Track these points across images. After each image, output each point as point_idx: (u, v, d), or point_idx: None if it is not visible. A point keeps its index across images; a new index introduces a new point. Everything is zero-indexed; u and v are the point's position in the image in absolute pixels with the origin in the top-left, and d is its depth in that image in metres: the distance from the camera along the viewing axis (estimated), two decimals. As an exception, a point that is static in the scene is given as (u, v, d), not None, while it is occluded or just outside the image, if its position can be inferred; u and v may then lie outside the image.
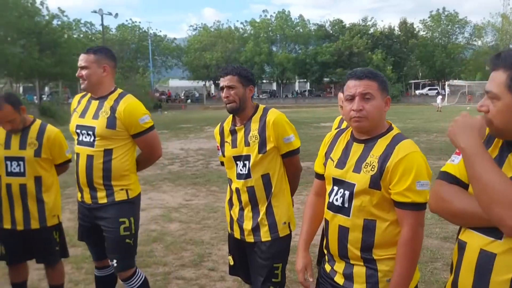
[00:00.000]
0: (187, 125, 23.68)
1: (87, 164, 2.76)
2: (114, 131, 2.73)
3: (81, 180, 2.81)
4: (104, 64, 2.80)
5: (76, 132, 2.84)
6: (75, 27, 44.23)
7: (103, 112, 2.75)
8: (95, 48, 2.85)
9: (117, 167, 2.76)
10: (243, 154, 2.50)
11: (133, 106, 2.78)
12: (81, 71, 2.77)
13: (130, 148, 2.84)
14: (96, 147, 2.74)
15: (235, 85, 2.47)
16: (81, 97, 2.99)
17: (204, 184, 8.26)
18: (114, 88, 2.88)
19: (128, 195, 2.83)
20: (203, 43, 54.63)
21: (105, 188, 2.79)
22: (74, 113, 2.91)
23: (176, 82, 69.72)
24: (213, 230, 5.44)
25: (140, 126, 2.78)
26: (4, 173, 3.05)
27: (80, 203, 2.93)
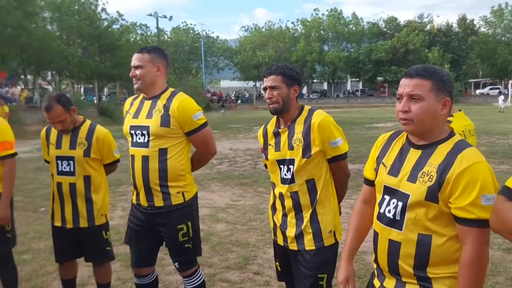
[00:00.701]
0: (237, 125, 23.86)
1: (143, 165, 2.73)
2: (169, 129, 2.69)
3: (137, 182, 2.79)
4: (158, 64, 2.78)
5: (130, 133, 2.81)
6: (131, 30, 45.86)
7: (156, 111, 2.72)
8: (149, 48, 2.83)
9: (173, 166, 2.72)
10: (286, 158, 2.40)
11: (186, 103, 2.74)
12: (135, 70, 2.75)
13: (185, 147, 2.80)
14: (151, 147, 2.71)
15: (278, 85, 2.37)
16: (133, 99, 2.97)
17: (251, 184, 8.23)
18: (166, 87, 2.85)
19: (184, 197, 2.79)
20: (255, 43, 54.90)
21: (161, 190, 2.74)
22: (127, 115, 2.89)
23: (227, 82, 70.52)
24: (259, 232, 5.37)
25: (194, 122, 2.73)
26: (56, 172, 3.14)
27: (135, 206, 2.90)
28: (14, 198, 7.46)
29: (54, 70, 35.33)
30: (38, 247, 4.95)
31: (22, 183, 8.83)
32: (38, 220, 6.11)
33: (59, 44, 30.70)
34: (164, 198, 2.76)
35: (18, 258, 4.56)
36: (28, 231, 5.56)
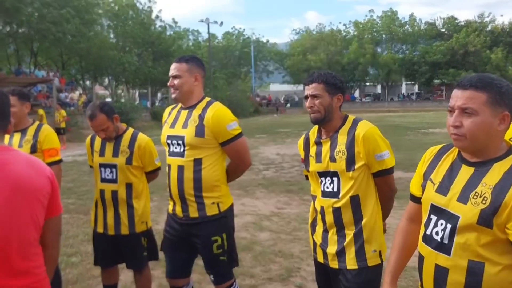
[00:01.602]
0: (285, 130, 23.75)
1: (178, 175, 2.72)
2: (203, 139, 2.66)
3: (173, 192, 2.79)
4: (195, 73, 2.76)
5: (167, 143, 2.82)
6: (184, 36, 47.05)
7: (191, 121, 2.71)
8: (186, 57, 2.81)
9: (208, 177, 2.69)
10: (329, 171, 2.26)
11: (220, 113, 2.70)
12: (173, 80, 2.74)
13: (220, 157, 2.76)
14: (186, 157, 2.69)
15: (320, 94, 2.25)
16: (171, 108, 2.98)
17: (297, 192, 8.07)
18: (202, 97, 2.82)
19: (220, 208, 2.74)
20: (305, 46, 54.61)
21: (196, 200, 2.71)
22: (165, 125, 2.90)
23: (277, 86, 70.59)
24: (304, 243, 5.22)
25: (228, 133, 2.69)
26: (99, 179, 3.19)
27: (171, 216, 2.90)
28: (67, 200, 7.84)
29: (111, 76, 36.94)
30: (86, 250, 5.07)
31: (76, 185, 9.18)
32: (88, 222, 6.25)
33: (115, 51, 32.02)
34: (199, 209, 2.72)
35: (67, 261, 4.71)
36: (78, 234, 5.73)
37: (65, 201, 7.73)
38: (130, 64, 33.16)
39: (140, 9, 37.24)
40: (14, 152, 1.74)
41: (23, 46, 28.78)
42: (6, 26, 25.09)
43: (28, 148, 3.25)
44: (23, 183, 1.63)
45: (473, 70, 48.17)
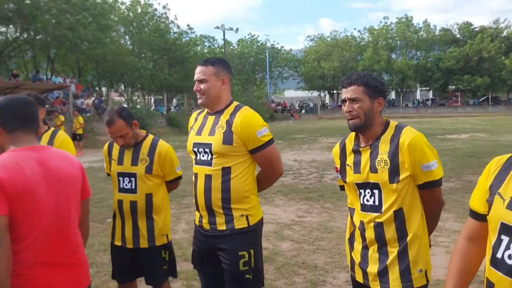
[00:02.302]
0: (301, 136, 23.52)
1: (206, 185, 2.53)
2: (231, 147, 2.48)
3: (199, 202, 2.59)
4: (223, 76, 2.58)
5: (193, 150, 2.63)
6: (199, 42, 47.23)
7: (219, 127, 2.53)
8: (212, 60, 2.61)
9: (237, 187, 2.50)
10: (369, 182, 2.06)
11: (250, 118, 2.51)
12: (199, 84, 2.55)
13: (250, 166, 2.56)
14: (214, 166, 2.50)
15: (360, 98, 2.05)
16: (197, 114, 2.79)
17: (317, 199, 7.84)
18: (230, 101, 2.64)
19: (249, 221, 2.54)
20: (320, 52, 54.39)
21: (224, 212, 2.52)
22: (191, 131, 2.72)
23: (291, 92, 70.42)
24: (328, 253, 5.00)
25: (258, 139, 2.49)
26: (117, 189, 3.02)
27: (198, 228, 2.70)
28: (84, 208, 7.71)
29: (127, 82, 37.17)
30: (102, 261, 4.92)
31: (92, 193, 9.07)
32: (104, 231, 6.14)
33: (131, 57, 32.23)
34: (227, 221, 2.52)
35: (83, 271, 4.56)
36: (94, 243, 5.58)
37: (81, 208, 7.63)
38: (145, 70, 33.32)
39: (155, 16, 37.49)
40: (49, 149, 2.04)
41: (40, 52, 29.14)
42: (23, 33, 25.41)
43: None
44: (63, 175, 1.96)
45: (488, 76, 47.42)
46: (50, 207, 1.88)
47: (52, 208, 1.89)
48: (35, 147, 1.94)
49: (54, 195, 1.90)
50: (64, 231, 1.94)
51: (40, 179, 1.85)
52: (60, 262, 1.91)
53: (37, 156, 1.90)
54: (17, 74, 24.49)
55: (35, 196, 1.81)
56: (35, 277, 1.82)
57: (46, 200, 1.87)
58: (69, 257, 1.95)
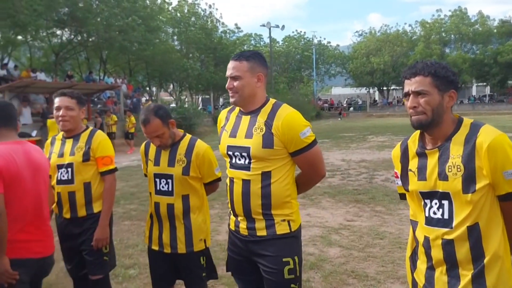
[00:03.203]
0: (349, 134, 22.88)
1: (243, 190, 2.32)
2: (272, 151, 2.26)
3: (236, 209, 2.38)
4: (258, 73, 2.34)
5: (227, 154, 2.42)
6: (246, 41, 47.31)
7: (257, 129, 2.30)
8: (247, 54, 2.38)
9: (278, 192, 2.29)
10: (436, 191, 1.73)
11: (292, 118, 2.27)
12: (232, 81, 2.33)
13: (290, 169, 2.34)
14: (252, 171, 2.29)
15: (426, 90, 1.73)
16: (228, 111, 2.57)
17: (367, 202, 7.43)
18: (266, 99, 2.39)
19: (291, 227, 2.31)
20: (369, 48, 52.96)
21: (264, 218, 2.31)
22: (223, 132, 2.49)
23: (339, 89, 69.17)
24: (379, 262, 4.64)
25: (301, 141, 2.26)
26: (154, 191, 2.86)
27: (233, 233, 2.48)
28: (129, 206, 7.74)
29: (175, 82, 37.87)
30: (145, 261, 4.77)
31: (139, 191, 9.14)
32: (148, 231, 6.08)
33: (179, 57, 32.75)
34: (268, 226, 2.30)
35: (124, 273, 4.48)
36: (138, 243, 5.52)
37: (127, 206, 7.66)
38: (193, 70, 33.75)
39: (201, 15, 37.89)
40: (27, 144, 2.57)
41: (93, 54, 30.23)
42: (77, 36, 26.42)
43: (80, 156, 3.00)
44: (39, 164, 2.55)
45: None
46: (31, 189, 2.44)
47: (32, 190, 2.45)
48: (19, 142, 2.48)
49: (34, 180, 2.46)
50: (38, 208, 2.52)
51: (25, 167, 2.40)
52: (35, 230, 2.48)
53: (22, 149, 2.45)
54: (71, 75, 25.51)
55: (22, 180, 2.34)
56: (18, 241, 2.37)
57: (29, 183, 2.42)
58: (41, 227, 2.55)
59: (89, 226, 3.02)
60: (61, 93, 3.04)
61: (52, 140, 3.20)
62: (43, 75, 22.19)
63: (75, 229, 3.04)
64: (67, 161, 3.02)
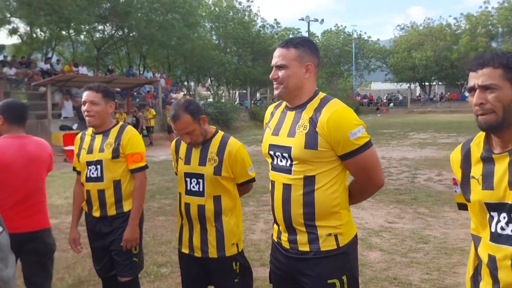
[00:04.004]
0: (389, 131, 22.23)
1: (284, 196, 2.07)
2: (316, 152, 1.97)
3: (277, 216, 2.13)
4: (307, 62, 2.05)
5: (269, 154, 2.16)
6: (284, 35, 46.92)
7: (300, 127, 2.03)
8: (295, 40, 2.08)
9: (323, 200, 2.01)
10: (505, 203, 1.47)
11: (340, 115, 1.97)
12: (277, 71, 2.06)
13: (340, 175, 2.04)
14: (294, 174, 2.03)
15: (496, 85, 1.45)
16: (275, 107, 2.30)
17: (409, 203, 7.07)
18: (315, 93, 2.10)
19: (338, 242, 2.02)
20: (411, 42, 51.32)
21: (306, 230, 2.04)
22: (267, 130, 2.23)
23: (379, 85, 67.55)
24: (424, 268, 4.33)
25: (351, 143, 1.95)
26: (184, 191, 2.70)
27: (276, 245, 2.23)
28: (164, 201, 7.71)
29: (213, 76, 38.05)
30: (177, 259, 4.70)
31: (175, 185, 9.08)
32: (182, 227, 6.00)
33: (217, 52, 32.84)
34: (310, 241, 2.03)
35: (156, 271, 4.39)
36: (171, 240, 5.44)
37: (162, 201, 7.63)
38: (230, 65, 33.79)
39: (239, 9, 37.81)
40: (29, 138, 2.98)
41: (133, 49, 30.78)
42: (118, 31, 26.94)
43: (109, 153, 2.89)
44: (34, 156, 2.93)
45: None
46: (24, 177, 2.84)
47: (25, 177, 2.85)
48: (19, 136, 2.92)
49: (25, 169, 2.86)
50: (31, 193, 2.91)
51: (16, 157, 2.82)
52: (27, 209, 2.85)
53: (18, 142, 2.88)
54: (112, 70, 26.06)
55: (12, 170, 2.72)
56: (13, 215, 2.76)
57: (21, 172, 2.82)
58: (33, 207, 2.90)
59: (119, 225, 2.91)
60: (87, 87, 2.94)
61: (81, 135, 3.11)
62: (85, 69, 22.79)
63: (105, 228, 2.93)
64: (96, 158, 2.91)
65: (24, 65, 19.90)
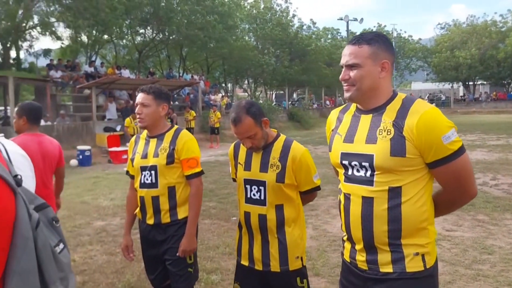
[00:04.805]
0: (435, 132, 21.37)
1: (364, 211, 1.84)
2: (404, 160, 1.75)
3: (353, 233, 1.90)
4: (383, 60, 1.84)
5: (342, 164, 1.94)
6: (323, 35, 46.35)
7: (382, 132, 1.81)
8: (368, 36, 1.85)
9: (410, 215, 1.79)
10: None
11: (431, 117, 1.74)
12: (348, 71, 1.85)
13: (427, 185, 1.83)
14: (376, 186, 1.81)
15: None
16: (340, 111, 2.07)
17: (466, 209, 6.64)
18: (393, 93, 1.88)
19: (425, 263, 1.79)
20: (453, 40, 49.55)
21: (390, 249, 1.82)
22: (336, 136, 1.99)
23: (419, 85, 65.67)
24: (492, 282, 3.99)
25: (443, 148, 1.72)
26: (244, 198, 2.54)
27: (348, 265, 1.99)
28: (208, 204, 7.61)
29: (250, 78, 38.05)
30: (227, 266, 4.58)
31: (218, 187, 9.03)
32: (229, 231, 5.87)
33: (255, 53, 32.81)
34: (394, 260, 1.80)
35: (207, 279, 4.26)
36: (219, 245, 5.31)
37: (206, 204, 7.54)
38: (268, 65, 33.70)
39: (277, 10, 37.65)
40: (43, 136, 3.56)
41: (174, 51, 31.21)
42: (159, 34, 27.36)
43: (164, 158, 2.77)
44: (48, 152, 3.51)
45: None
46: (40, 169, 3.25)
47: (41, 170, 3.32)
48: (37, 134, 3.47)
49: (42, 162, 3.39)
50: (43, 182, 3.39)
51: (36, 152, 3.28)
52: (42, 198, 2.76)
53: (37, 139, 3.43)
54: (153, 72, 26.47)
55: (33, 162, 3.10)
56: None
57: (38, 164, 3.21)
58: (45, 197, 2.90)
59: (173, 233, 2.79)
60: (140, 89, 2.84)
61: (136, 139, 3.01)
62: (127, 72, 23.24)
63: (159, 236, 2.82)
64: (151, 163, 2.80)
65: (69, 68, 20.49)
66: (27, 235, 1.23)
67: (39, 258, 1.26)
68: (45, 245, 1.29)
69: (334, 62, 41.02)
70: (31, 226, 1.26)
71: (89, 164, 13.45)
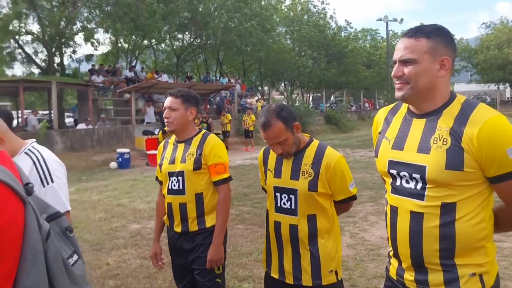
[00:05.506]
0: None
1: (412, 227, 1.67)
2: (460, 174, 1.57)
3: (401, 250, 1.73)
4: (442, 56, 1.64)
5: (389, 173, 1.76)
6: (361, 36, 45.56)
7: (438, 140, 1.62)
8: (427, 29, 1.66)
9: (465, 233, 1.60)
10: None
11: (495, 126, 1.54)
12: (402, 67, 1.66)
13: (486, 200, 1.63)
14: (428, 201, 1.63)
15: None
16: (389, 111, 1.87)
17: None
18: (451, 96, 1.68)
19: (484, 284, 1.61)
20: (500, 39, 47.49)
21: (442, 269, 1.64)
22: (383, 141, 1.81)
23: (463, 86, 63.41)
24: (548, 300, 3.68)
25: (509, 162, 1.53)
26: (274, 208, 2.41)
27: (395, 282, 1.81)
28: (242, 208, 7.52)
29: (287, 80, 37.92)
30: (260, 274, 4.45)
31: (252, 192, 8.93)
32: (263, 237, 5.65)
33: (292, 56, 32.65)
34: (447, 282, 1.62)
35: (239, 287, 4.15)
36: (252, 251, 5.20)
37: (240, 208, 7.45)
38: (304, 68, 33.44)
39: (314, 13, 37.34)
40: None
41: (211, 56, 31.54)
42: (196, 39, 27.72)
43: (191, 163, 2.68)
44: None
45: None
46: None
47: None
48: None
49: None
50: None
51: None
52: None
53: None
54: (191, 76, 26.86)
55: None
56: None
57: None
58: None
59: (201, 242, 2.70)
60: (168, 93, 2.77)
61: (164, 144, 2.94)
62: (165, 77, 23.62)
63: (186, 244, 2.73)
64: (178, 169, 2.72)
65: (110, 73, 21.04)
66: (37, 247, 1.16)
67: (49, 271, 1.18)
68: (56, 257, 1.21)
69: (373, 63, 40.18)
70: (41, 237, 1.19)
71: (128, 167, 13.71)
